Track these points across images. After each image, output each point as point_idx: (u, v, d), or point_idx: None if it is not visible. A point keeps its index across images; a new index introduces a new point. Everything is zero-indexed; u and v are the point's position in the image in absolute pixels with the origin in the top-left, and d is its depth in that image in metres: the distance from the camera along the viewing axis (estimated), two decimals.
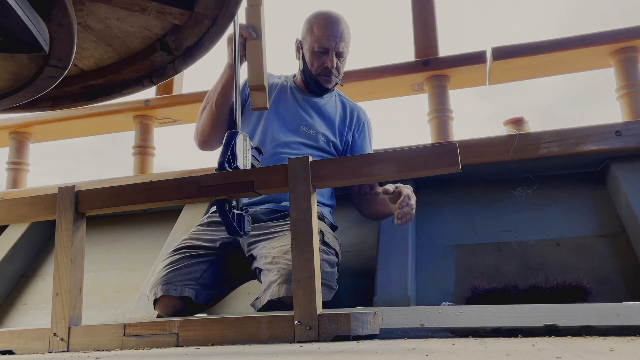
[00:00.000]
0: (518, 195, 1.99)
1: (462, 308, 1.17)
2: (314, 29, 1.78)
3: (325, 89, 1.85)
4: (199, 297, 1.60)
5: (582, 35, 2.09)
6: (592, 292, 1.53)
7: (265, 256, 1.57)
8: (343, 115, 1.90)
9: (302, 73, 1.87)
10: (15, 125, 2.70)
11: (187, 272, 1.62)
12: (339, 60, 1.80)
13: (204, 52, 1.25)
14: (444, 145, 1.09)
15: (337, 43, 1.76)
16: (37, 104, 1.35)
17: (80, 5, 1.06)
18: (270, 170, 1.18)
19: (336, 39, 1.76)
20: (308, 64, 1.81)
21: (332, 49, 1.76)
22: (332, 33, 1.76)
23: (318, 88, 1.85)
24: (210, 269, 1.66)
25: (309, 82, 1.85)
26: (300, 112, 1.85)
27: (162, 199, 1.22)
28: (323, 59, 1.78)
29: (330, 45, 1.76)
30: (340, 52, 1.78)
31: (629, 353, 0.66)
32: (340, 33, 1.77)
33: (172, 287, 1.57)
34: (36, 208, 1.32)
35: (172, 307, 1.59)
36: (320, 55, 1.78)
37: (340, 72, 1.83)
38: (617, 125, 1.89)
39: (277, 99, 1.88)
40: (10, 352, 1.23)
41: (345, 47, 1.80)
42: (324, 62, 1.78)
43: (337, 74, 1.81)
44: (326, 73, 1.79)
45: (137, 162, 2.57)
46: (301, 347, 0.92)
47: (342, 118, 1.89)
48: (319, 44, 1.76)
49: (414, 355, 0.71)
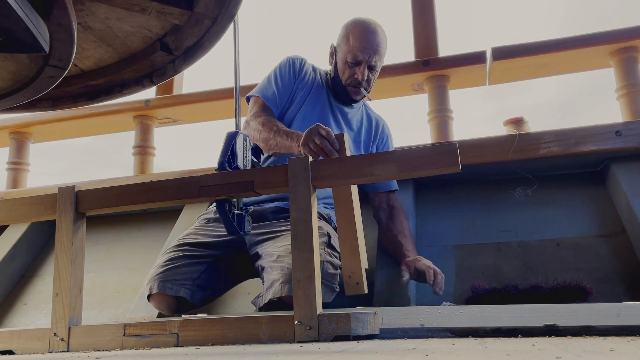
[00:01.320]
0: (518, 195, 1.99)
1: (462, 308, 1.17)
2: (349, 38, 1.74)
3: (353, 100, 1.82)
4: (194, 298, 1.61)
5: (582, 35, 2.09)
6: (592, 292, 1.53)
7: (271, 254, 1.56)
8: (369, 127, 1.89)
9: (332, 80, 1.84)
10: (15, 125, 2.70)
11: (185, 272, 1.62)
12: (370, 73, 1.76)
13: (204, 52, 1.25)
14: (444, 145, 1.09)
15: (370, 56, 1.72)
16: (37, 104, 1.35)
17: (80, 5, 1.06)
18: (270, 170, 1.18)
19: (370, 51, 1.72)
20: (339, 72, 1.78)
21: (364, 61, 1.72)
22: (367, 45, 1.71)
23: (346, 98, 1.82)
24: (208, 270, 1.66)
25: (337, 90, 1.82)
26: (330, 120, 1.82)
27: (162, 199, 1.22)
28: (354, 69, 1.74)
29: (364, 58, 1.72)
30: (373, 65, 1.74)
31: (629, 353, 0.66)
32: (376, 46, 1.72)
33: (168, 285, 1.58)
34: (36, 208, 1.32)
35: (165, 304, 1.60)
36: (351, 66, 1.74)
37: (371, 85, 1.80)
38: (617, 125, 1.89)
39: (312, 100, 1.83)
40: (10, 352, 1.23)
41: (379, 60, 1.76)
42: (354, 74, 1.74)
43: (367, 86, 1.78)
44: (355, 84, 1.75)
45: (137, 162, 2.57)
46: (301, 347, 0.92)
47: (367, 130, 1.88)
48: (353, 55, 1.72)
49: (414, 355, 0.71)
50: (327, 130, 1.41)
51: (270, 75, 1.84)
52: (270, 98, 1.78)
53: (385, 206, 1.85)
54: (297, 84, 1.83)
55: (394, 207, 1.83)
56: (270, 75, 1.84)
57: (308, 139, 1.44)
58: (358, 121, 1.87)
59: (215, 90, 2.51)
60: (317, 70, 1.91)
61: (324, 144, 1.39)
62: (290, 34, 3.98)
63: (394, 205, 1.84)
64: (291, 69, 1.84)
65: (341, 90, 1.79)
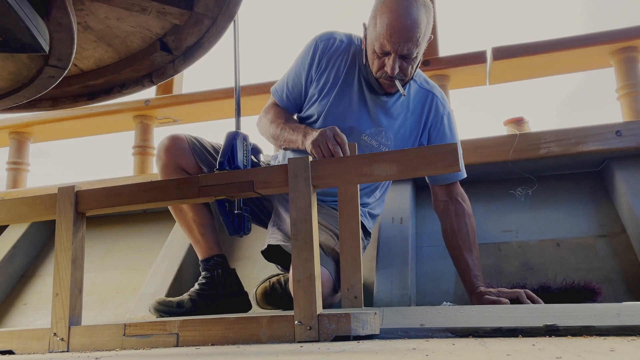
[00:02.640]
0: (518, 195, 1.99)
1: (462, 308, 1.17)
2: (377, 22, 1.45)
3: (388, 93, 1.57)
4: None
5: (582, 35, 2.09)
6: (601, 292, 1.50)
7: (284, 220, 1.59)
8: (419, 111, 1.62)
9: (365, 67, 1.57)
10: (15, 125, 2.70)
11: None
12: (404, 62, 1.46)
13: (204, 52, 1.25)
14: (444, 145, 1.09)
15: (400, 45, 1.42)
16: (37, 104, 1.35)
17: (80, 5, 1.06)
18: (270, 170, 1.18)
19: (400, 40, 1.41)
20: (369, 61, 1.52)
21: (394, 52, 1.43)
22: (396, 32, 1.41)
23: (381, 90, 1.56)
24: None
25: (370, 80, 1.56)
26: (365, 117, 1.59)
27: (162, 199, 1.22)
28: (383, 60, 1.47)
29: (392, 48, 1.43)
30: (407, 54, 1.44)
31: (629, 353, 0.66)
32: (408, 32, 1.41)
33: None
34: (36, 208, 1.32)
35: None
36: (380, 57, 1.47)
37: (408, 74, 1.50)
38: (617, 125, 1.89)
39: (341, 90, 1.59)
40: (10, 352, 1.23)
41: (414, 47, 1.44)
42: (383, 66, 1.47)
43: (403, 77, 1.49)
44: (387, 77, 1.49)
45: (137, 162, 2.57)
46: (301, 347, 0.91)
47: (416, 117, 1.62)
48: (380, 43, 1.44)
49: (414, 355, 0.71)
50: (342, 137, 1.36)
51: (292, 66, 1.69)
52: (280, 96, 1.71)
53: (447, 199, 1.65)
54: (318, 75, 1.62)
55: (458, 203, 1.63)
56: (292, 66, 1.69)
57: (321, 140, 1.35)
58: (403, 109, 1.61)
59: (215, 90, 2.51)
60: (352, 44, 1.62)
61: (336, 149, 1.33)
62: (290, 34, 3.98)
63: (458, 200, 1.64)
64: (309, 58, 1.62)
65: (374, 81, 1.54)
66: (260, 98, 2.43)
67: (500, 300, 1.39)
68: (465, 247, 1.58)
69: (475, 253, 1.59)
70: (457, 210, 1.62)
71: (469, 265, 1.55)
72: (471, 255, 1.57)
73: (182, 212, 1.69)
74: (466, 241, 1.59)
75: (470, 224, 1.62)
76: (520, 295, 1.40)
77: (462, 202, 1.64)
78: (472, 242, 1.59)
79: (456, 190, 1.66)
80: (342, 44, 1.62)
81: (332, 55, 1.61)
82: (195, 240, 1.69)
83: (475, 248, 1.60)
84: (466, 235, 1.59)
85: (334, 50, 1.61)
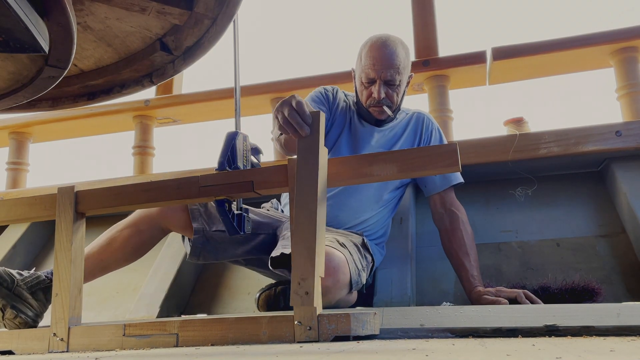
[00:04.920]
0: (518, 195, 1.99)
1: (462, 308, 1.17)
2: (362, 58, 1.66)
3: (379, 120, 1.71)
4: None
5: (582, 35, 2.09)
6: (601, 292, 1.50)
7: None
8: (412, 133, 1.77)
9: (357, 104, 1.75)
10: (15, 125, 2.70)
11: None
12: (389, 89, 1.63)
13: (204, 52, 1.25)
14: (444, 145, 1.09)
15: (383, 71, 1.60)
16: (37, 104, 1.35)
17: (80, 5, 1.06)
18: (270, 170, 1.18)
19: (382, 66, 1.60)
20: (359, 95, 1.70)
21: (378, 78, 1.61)
22: (377, 61, 1.60)
23: (372, 120, 1.71)
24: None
25: (362, 114, 1.73)
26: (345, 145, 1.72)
27: (162, 199, 1.22)
28: (370, 89, 1.64)
29: (376, 75, 1.61)
30: (390, 79, 1.61)
31: (629, 353, 0.66)
32: (388, 59, 1.60)
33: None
34: (36, 208, 1.32)
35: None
36: (367, 86, 1.65)
37: (395, 101, 1.66)
38: (617, 125, 1.89)
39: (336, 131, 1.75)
40: (10, 352, 1.23)
41: (397, 73, 1.61)
42: (371, 93, 1.64)
43: (390, 103, 1.65)
44: (376, 104, 1.64)
45: (137, 162, 2.57)
46: (301, 347, 0.92)
47: (410, 139, 1.76)
48: (365, 74, 1.63)
49: (414, 355, 0.71)
50: (299, 102, 1.21)
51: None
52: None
53: (442, 210, 1.73)
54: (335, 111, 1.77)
55: (452, 212, 1.71)
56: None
57: (280, 107, 1.24)
58: (396, 136, 1.75)
59: (215, 90, 2.51)
60: (349, 96, 1.84)
61: (292, 115, 1.18)
62: (290, 34, 3.97)
63: (452, 210, 1.71)
64: (323, 95, 1.77)
65: (365, 112, 1.70)
66: (260, 98, 2.43)
67: (499, 301, 1.42)
68: (462, 251, 1.64)
69: (473, 256, 1.63)
70: (451, 218, 1.71)
71: (466, 267, 1.61)
72: (468, 258, 1.62)
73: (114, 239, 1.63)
74: (462, 245, 1.65)
75: (464, 229, 1.68)
76: (518, 295, 1.42)
77: (456, 211, 1.72)
78: (468, 246, 1.65)
79: (451, 200, 1.74)
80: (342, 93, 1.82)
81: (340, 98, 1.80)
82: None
83: (473, 251, 1.65)
84: (461, 239, 1.66)
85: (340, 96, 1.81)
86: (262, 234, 1.68)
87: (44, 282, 1.48)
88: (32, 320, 1.43)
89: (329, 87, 1.81)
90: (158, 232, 1.62)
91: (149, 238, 1.61)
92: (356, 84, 1.71)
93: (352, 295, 1.56)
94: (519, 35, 3.94)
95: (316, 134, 1.14)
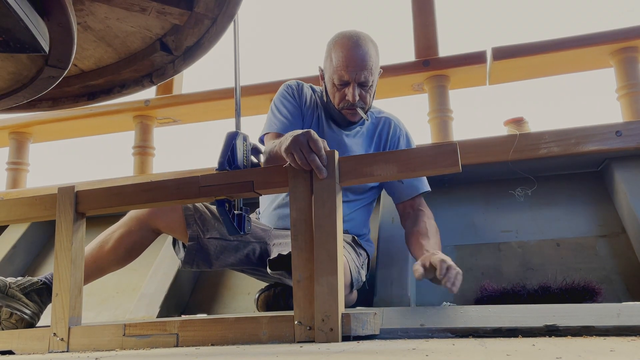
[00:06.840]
0: (518, 195, 1.99)
1: (462, 308, 1.17)
2: (332, 58, 1.59)
3: (352, 123, 1.67)
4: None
5: (582, 35, 2.09)
6: (601, 292, 1.50)
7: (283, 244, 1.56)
8: (377, 137, 1.73)
9: (327, 104, 1.68)
10: (15, 125, 2.70)
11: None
12: (362, 90, 1.59)
13: (204, 52, 1.25)
14: (444, 145, 1.09)
15: (357, 73, 1.55)
16: (37, 104, 1.35)
17: (80, 5, 1.06)
18: (270, 171, 1.18)
19: (356, 68, 1.54)
20: (330, 96, 1.64)
21: (352, 80, 1.56)
22: (351, 63, 1.55)
23: (344, 122, 1.66)
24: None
25: (333, 115, 1.67)
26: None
27: (162, 199, 1.22)
28: (343, 91, 1.59)
29: (350, 77, 1.55)
30: (363, 81, 1.56)
31: (629, 353, 0.66)
32: (361, 61, 1.55)
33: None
34: (36, 208, 1.32)
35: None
36: (340, 88, 1.59)
37: (367, 102, 1.62)
38: (617, 125, 1.89)
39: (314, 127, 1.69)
40: (10, 352, 1.23)
41: (370, 74, 1.57)
42: (345, 96, 1.59)
43: (363, 104, 1.60)
44: (350, 107, 1.59)
45: (137, 162, 2.57)
46: (301, 347, 0.92)
47: (375, 143, 1.73)
48: (338, 75, 1.57)
49: (414, 355, 0.71)
50: (316, 141, 1.15)
51: (272, 109, 1.71)
52: (281, 127, 1.63)
53: (410, 211, 1.69)
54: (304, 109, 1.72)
55: (420, 211, 1.67)
56: (272, 108, 1.71)
57: (294, 147, 1.16)
58: (363, 141, 1.72)
59: (215, 90, 2.51)
60: (316, 91, 1.77)
61: (311, 158, 1.13)
62: (290, 34, 3.97)
63: (420, 209, 1.68)
64: (290, 94, 1.72)
65: (337, 114, 1.65)
66: (260, 98, 2.43)
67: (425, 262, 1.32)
68: (422, 234, 1.55)
69: (433, 240, 1.53)
70: (416, 214, 1.65)
71: (423, 245, 1.49)
72: (427, 240, 1.52)
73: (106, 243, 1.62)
74: (423, 232, 1.56)
75: (428, 222, 1.61)
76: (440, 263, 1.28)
77: (424, 210, 1.67)
78: (430, 233, 1.56)
79: (420, 201, 1.69)
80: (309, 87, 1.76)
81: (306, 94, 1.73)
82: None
83: (435, 238, 1.55)
84: (424, 229, 1.57)
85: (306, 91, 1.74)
86: (253, 242, 1.66)
87: (36, 284, 1.48)
88: (28, 317, 1.43)
89: (293, 84, 1.75)
90: (149, 233, 1.61)
91: (140, 239, 1.60)
92: (326, 84, 1.65)
93: (352, 294, 1.56)
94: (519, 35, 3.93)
95: (333, 174, 1.13)
